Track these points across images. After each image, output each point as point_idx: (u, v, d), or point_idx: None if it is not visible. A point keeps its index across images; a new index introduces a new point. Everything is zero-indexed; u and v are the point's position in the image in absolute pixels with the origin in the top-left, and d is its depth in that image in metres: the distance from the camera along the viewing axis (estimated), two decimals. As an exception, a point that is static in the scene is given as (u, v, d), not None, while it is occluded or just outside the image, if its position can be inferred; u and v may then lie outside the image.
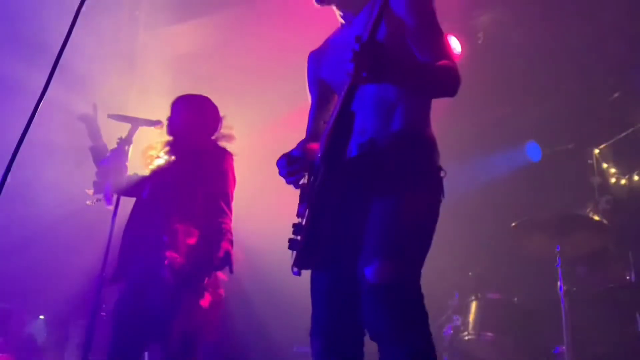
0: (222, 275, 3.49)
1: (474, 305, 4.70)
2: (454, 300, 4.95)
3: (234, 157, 3.72)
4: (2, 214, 4.14)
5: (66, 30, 2.15)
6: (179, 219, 3.42)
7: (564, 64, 5.49)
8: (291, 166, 2.16)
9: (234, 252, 3.49)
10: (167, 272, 3.28)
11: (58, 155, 4.90)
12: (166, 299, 3.28)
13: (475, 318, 4.62)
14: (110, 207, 3.51)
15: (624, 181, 5.28)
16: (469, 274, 5.06)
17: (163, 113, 3.76)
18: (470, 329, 4.59)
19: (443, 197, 2.10)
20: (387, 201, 2.01)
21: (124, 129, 3.61)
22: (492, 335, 4.52)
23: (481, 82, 5.44)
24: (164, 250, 3.32)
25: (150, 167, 3.70)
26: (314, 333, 2.11)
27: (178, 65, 5.61)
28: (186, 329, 3.33)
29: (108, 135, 3.65)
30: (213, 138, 3.76)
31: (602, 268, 4.77)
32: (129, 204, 3.66)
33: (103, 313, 3.36)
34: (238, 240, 3.59)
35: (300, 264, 2.04)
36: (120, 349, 3.33)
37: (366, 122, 2.14)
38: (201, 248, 3.38)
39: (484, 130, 5.94)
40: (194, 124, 3.74)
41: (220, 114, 3.83)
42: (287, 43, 5.14)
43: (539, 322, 4.59)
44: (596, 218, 4.73)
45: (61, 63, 2.11)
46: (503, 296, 4.72)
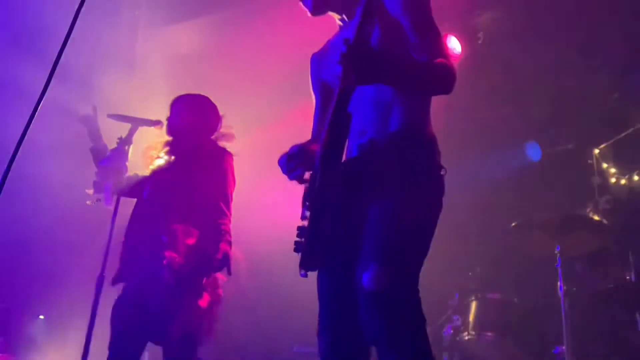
0: (221, 276, 3.49)
1: (474, 305, 4.70)
2: (454, 300, 4.95)
3: (234, 157, 3.72)
4: (2, 214, 4.14)
5: (66, 30, 2.14)
6: (178, 219, 3.42)
7: (564, 63, 5.49)
8: (290, 163, 2.17)
9: (233, 253, 3.49)
10: (166, 272, 3.28)
11: (58, 155, 4.90)
12: (165, 299, 3.28)
13: (475, 318, 4.62)
14: (110, 207, 3.51)
15: (624, 181, 5.28)
16: (469, 274, 5.06)
17: (163, 113, 3.76)
18: (470, 329, 4.59)
19: (444, 196, 2.09)
20: (386, 202, 2.00)
21: (124, 129, 3.61)
22: (492, 335, 4.52)
23: (481, 82, 5.44)
24: (163, 250, 3.32)
25: (150, 167, 3.71)
26: (320, 333, 2.11)
27: (178, 65, 5.62)
28: (185, 329, 3.32)
29: (108, 135, 3.65)
30: (213, 138, 3.76)
31: (602, 268, 4.77)
32: (129, 204, 3.66)
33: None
34: (238, 241, 3.59)
35: (305, 265, 2.04)
36: (119, 348, 3.33)
37: (366, 124, 2.15)
38: (200, 248, 3.38)
39: (484, 130, 5.94)
40: (193, 124, 3.74)
41: (220, 113, 3.83)
42: (288, 42, 5.15)
43: (539, 322, 4.59)
44: (596, 218, 4.73)
45: (61, 63, 2.11)
46: (503, 296, 4.72)
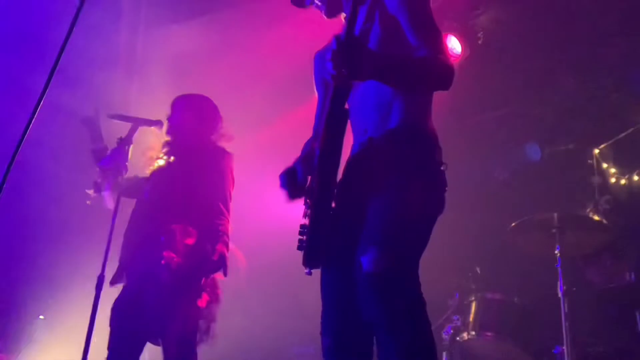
0: (220, 276, 3.49)
1: (474, 305, 4.70)
2: (454, 300, 4.95)
3: (233, 157, 3.72)
4: (2, 213, 4.13)
5: (66, 30, 2.15)
6: (177, 219, 3.42)
7: (564, 63, 5.49)
8: (291, 191, 2.22)
9: (231, 253, 3.49)
10: (164, 272, 3.28)
11: (58, 155, 4.90)
12: (163, 299, 3.28)
13: (475, 318, 4.62)
14: (110, 207, 3.51)
15: (624, 181, 5.28)
16: (469, 274, 5.06)
17: (163, 113, 3.77)
18: (470, 329, 4.59)
19: (445, 191, 2.10)
20: (385, 195, 2.02)
21: (124, 129, 3.61)
22: (492, 335, 4.52)
23: (481, 82, 5.44)
24: (162, 249, 3.33)
25: (150, 168, 3.71)
26: (323, 331, 2.11)
27: (178, 65, 5.62)
28: (184, 329, 3.33)
29: (108, 135, 3.65)
30: (212, 138, 3.76)
31: (602, 268, 4.77)
32: (129, 204, 3.66)
33: None
34: (238, 241, 3.59)
35: (308, 263, 2.04)
36: (119, 348, 3.33)
37: (367, 121, 2.18)
38: (199, 248, 3.39)
39: (484, 130, 5.94)
40: (193, 124, 3.74)
41: (220, 113, 3.84)
42: (288, 42, 5.15)
43: (539, 322, 4.59)
44: (596, 218, 4.72)
45: (61, 63, 2.11)
46: (503, 296, 4.71)
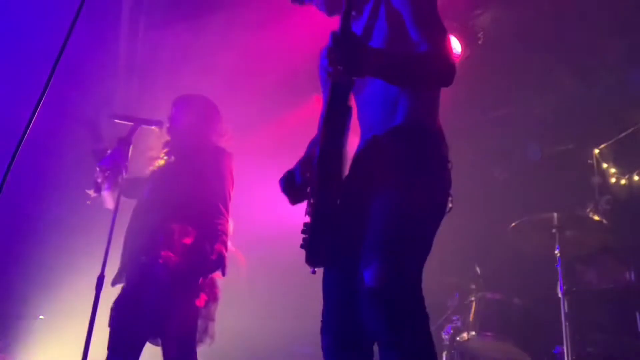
0: (219, 275, 3.50)
1: (474, 305, 4.70)
2: (454, 300, 4.95)
3: (233, 157, 3.72)
4: (2, 213, 4.13)
5: (66, 30, 2.14)
6: (176, 219, 3.42)
7: (564, 63, 5.49)
8: (291, 195, 2.22)
9: (231, 253, 3.49)
10: (162, 271, 3.28)
11: (58, 155, 4.90)
12: (162, 299, 3.28)
13: (475, 318, 4.62)
14: (110, 207, 3.52)
15: (624, 181, 5.28)
16: (469, 274, 5.06)
17: (163, 113, 3.77)
18: (470, 329, 4.59)
19: (450, 190, 2.08)
20: (389, 196, 1.98)
21: (124, 129, 3.61)
22: (492, 335, 4.52)
23: (481, 82, 5.44)
24: (160, 249, 3.33)
25: (150, 168, 3.71)
26: (324, 329, 2.10)
27: (178, 65, 5.61)
28: (182, 328, 3.33)
29: (108, 135, 3.65)
30: (212, 138, 3.77)
31: (602, 268, 4.77)
32: (129, 204, 3.66)
33: None
34: (238, 241, 3.59)
35: (310, 261, 2.04)
36: (119, 348, 3.33)
37: (373, 118, 2.16)
38: (197, 248, 3.39)
39: (484, 130, 5.93)
40: (193, 124, 3.74)
41: (220, 113, 3.84)
42: (288, 42, 5.15)
43: (539, 322, 4.59)
44: (596, 218, 4.72)
45: (61, 63, 2.11)
46: (503, 296, 4.71)
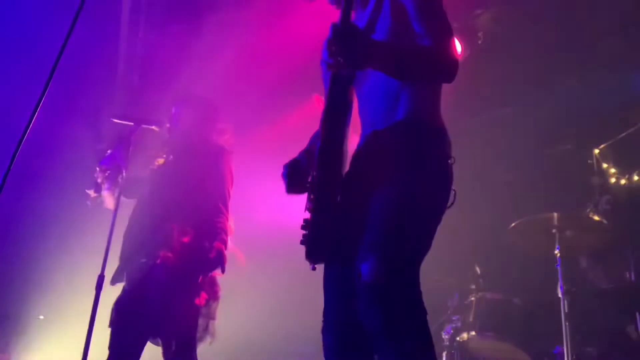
0: (219, 274, 3.50)
1: (474, 305, 4.70)
2: (454, 300, 4.95)
3: (233, 156, 3.73)
4: (2, 213, 4.13)
5: (66, 30, 2.14)
6: (175, 218, 3.43)
7: (564, 63, 5.49)
8: (291, 182, 2.18)
9: (231, 252, 3.50)
10: (161, 271, 3.29)
11: (58, 155, 4.90)
12: (161, 298, 3.28)
13: (475, 318, 4.62)
14: (111, 207, 3.52)
15: (624, 181, 5.27)
16: (469, 274, 5.06)
17: (163, 113, 3.77)
18: (470, 329, 4.59)
19: (452, 185, 2.06)
20: (390, 192, 1.96)
21: (124, 128, 3.61)
22: (492, 335, 4.52)
23: (481, 82, 5.44)
24: (159, 249, 3.33)
25: (150, 167, 3.71)
26: (325, 327, 2.08)
27: (178, 65, 5.61)
28: (183, 327, 3.33)
29: (108, 135, 3.65)
30: (212, 137, 3.77)
31: (602, 268, 4.77)
32: (129, 204, 3.66)
33: None
34: (238, 240, 3.59)
35: (310, 257, 2.02)
36: (120, 347, 3.34)
37: (374, 113, 2.14)
38: (195, 247, 3.39)
39: (484, 130, 5.93)
40: (193, 123, 3.75)
41: (220, 112, 3.84)
42: (288, 41, 5.15)
43: (539, 322, 4.59)
44: (596, 218, 4.72)
45: (61, 63, 2.11)
46: (503, 296, 4.71)
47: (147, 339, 3.41)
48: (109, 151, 3.59)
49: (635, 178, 5.24)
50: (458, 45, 5.21)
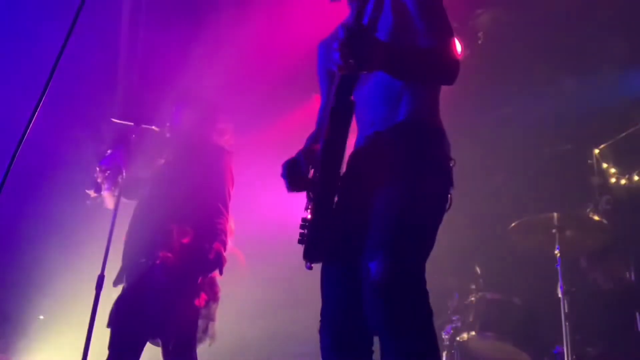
0: (218, 274, 3.49)
1: (473, 305, 4.70)
2: (454, 300, 4.95)
3: (233, 156, 3.72)
4: (2, 213, 4.13)
5: (66, 30, 2.14)
6: (175, 219, 3.42)
7: (563, 63, 5.49)
8: (291, 181, 2.18)
9: (231, 252, 3.49)
10: (160, 272, 3.28)
11: (58, 155, 4.90)
12: (160, 298, 3.28)
13: (475, 318, 4.62)
14: (110, 207, 3.52)
15: (624, 181, 5.27)
16: (469, 274, 5.06)
17: (163, 113, 3.76)
18: (470, 329, 4.59)
19: (452, 187, 2.06)
20: (391, 193, 1.97)
21: (124, 129, 3.61)
22: (492, 335, 4.52)
23: (481, 82, 5.44)
24: (158, 250, 3.33)
25: (151, 168, 3.71)
26: (322, 327, 2.08)
27: (178, 65, 5.61)
28: (182, 328, 3.33)
29: (108, 135, 3.65)
30: (213, 137, 3.77)
31: (602, 268, 4.77)
32: (129, 204, 3.66)
33: None
34: (238, 240, 3.59)
35: (308, 257, 2.02)
36: (120, 348, 3.34)
37: (375, 114, 2.14)
38: (195, 247, 3.39)
39: (483, 130, 5.93)
40: (193, 123, 3.75)
41: (220, 112, 3.84)
42: (287, 41, 5.15)
43: (539, 322, 4.59)
44: (596, 218, 4.72)
45: (61, 63, 2.11)
46: (503, 296, 4.71)
47: (147, 339, 3.41)
48: (109, 151, 3.59)
49: (635, 178, 5.24)
50: (458, 45, 5.22)
